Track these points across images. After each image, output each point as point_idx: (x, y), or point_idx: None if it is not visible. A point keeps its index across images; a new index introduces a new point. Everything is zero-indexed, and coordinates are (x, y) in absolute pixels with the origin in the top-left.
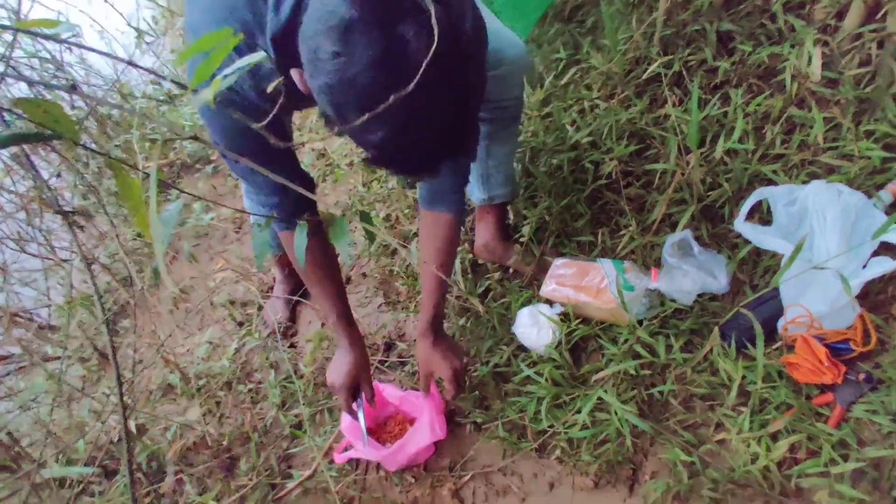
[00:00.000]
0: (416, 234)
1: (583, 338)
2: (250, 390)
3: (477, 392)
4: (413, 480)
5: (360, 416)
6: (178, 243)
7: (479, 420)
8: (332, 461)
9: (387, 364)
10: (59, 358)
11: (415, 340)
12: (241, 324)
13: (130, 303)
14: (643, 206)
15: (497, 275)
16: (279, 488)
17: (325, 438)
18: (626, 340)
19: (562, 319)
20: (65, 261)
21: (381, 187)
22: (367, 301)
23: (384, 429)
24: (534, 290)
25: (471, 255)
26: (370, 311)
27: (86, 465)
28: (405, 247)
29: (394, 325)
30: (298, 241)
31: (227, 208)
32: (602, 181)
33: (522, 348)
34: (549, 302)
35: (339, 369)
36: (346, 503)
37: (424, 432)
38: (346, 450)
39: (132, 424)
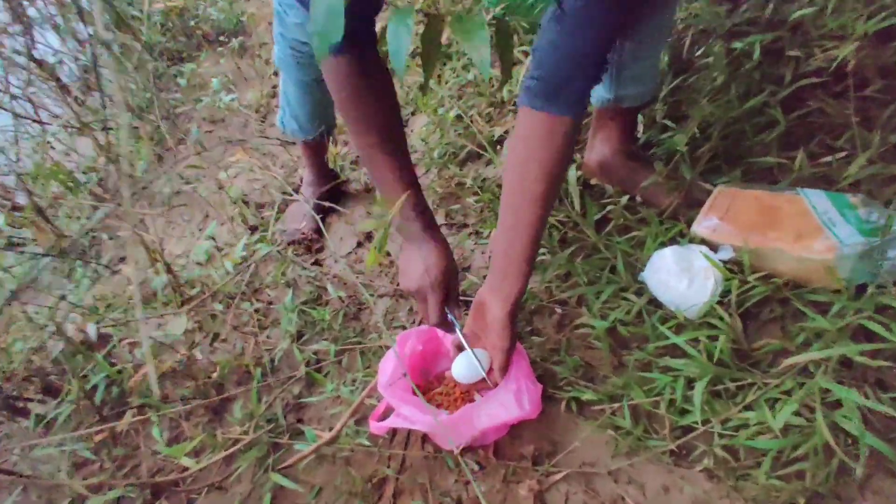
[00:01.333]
0: (499, 142)
1: (759, 301)
2: (257, 311)
3: (578, 356)
4: (477, 468)
5: (458, 329)
6: (187, 125)
7: (582, 397)
8: (357, 424)
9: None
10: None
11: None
12: (253, 228)
13: (120, 179)
14: (874, 119)
15: (624, 199)
16: (284, 450)
17: (353, 390)
18: (839, 312)
19: (730, 270)
20: (44, 123)
21: (453, 78)
22: None
23: (438, 390)
24: (682, 226)
25: (579, 173)
26: None
27: (25, 380)
28: (483, 152)
29: (457, 254)
30: (396, 32)
31: (252, 92)
32: (808, 81)
33: (656, 304)
34: (706, 244)
35: (419, 267)
36: (375, 486)
37: (508, 403)
38: (385, 417)
39: (92, 331)
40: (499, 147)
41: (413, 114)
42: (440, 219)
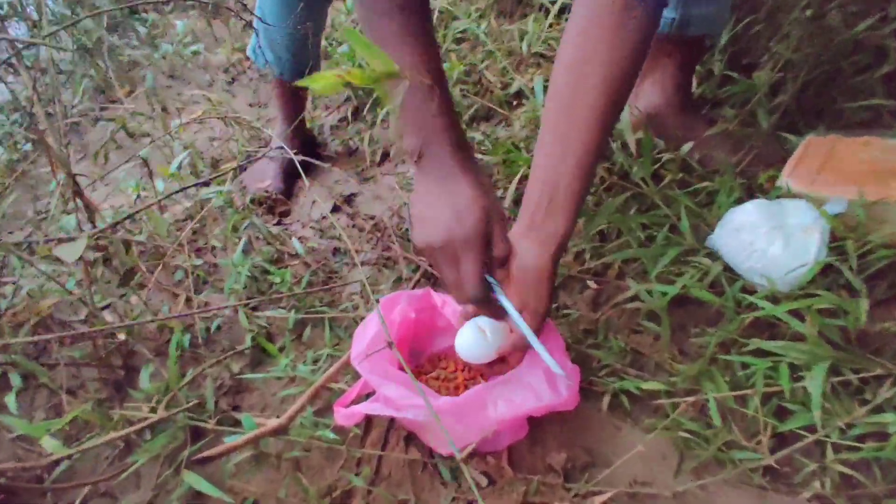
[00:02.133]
0: (516, 98)
1: (882, 270)
2: (195, 268)
3: (621, 340)
4: (485, 482)
5: (505, 301)
6: (142, 71)
7: (634, 388)
8: (318, 415)
9: None
10: None
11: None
12: (206, 183)
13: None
14: None
15: (685, 147)
16: (207, 439)
17: (315, 370)
18: None
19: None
20: None
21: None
22: None
23: (433, 375)
24: (765, 175)
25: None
26: None
27: None
28: (497, 110)
29: None
30: None
31: (223, 50)
32: None
33: (729, 271)
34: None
35: (444, 212)
36: (336, 501)
37: (538, 386)
38: (357, 402)
39: None
40: (515, 104)
41: None
42: None
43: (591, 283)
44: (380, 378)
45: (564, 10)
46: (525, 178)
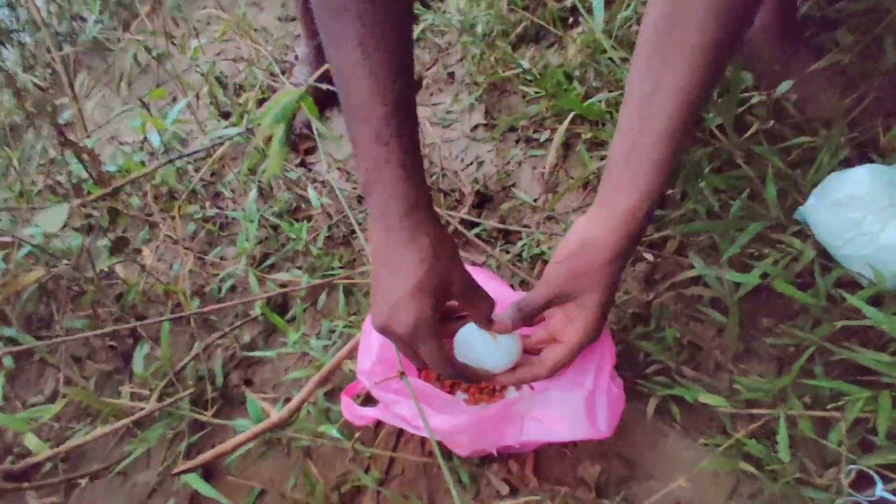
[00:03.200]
0: (572, 14)
1: None
2: (207, 220)
3: (678, 329)
4: (506, 490)
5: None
6: None
7: (688, 397)
8: (329, 397)
9: (477, 230)
10: None
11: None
12: (226, 115)
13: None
14: None
15: (784, 85)
16: (207, 431)
17: (329, 345)
18: None
19: None
20: None
21: None
22: (452, 118)
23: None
24: (878, 136)
25: None
26: (456, 135)
27: None
28: (549, 29)
29: (495, 165)
30: None
31: None
32: None
33: (823, 255)
34: None
35: (394, 296)
36: (346, 497)
37: (575, 414)
38: (362, 401)
39: None
40: (572, 21)
41: None
42: (478, 117)
43: (647, 255)
44: (392, 396)
45: None
46: (577, 119)
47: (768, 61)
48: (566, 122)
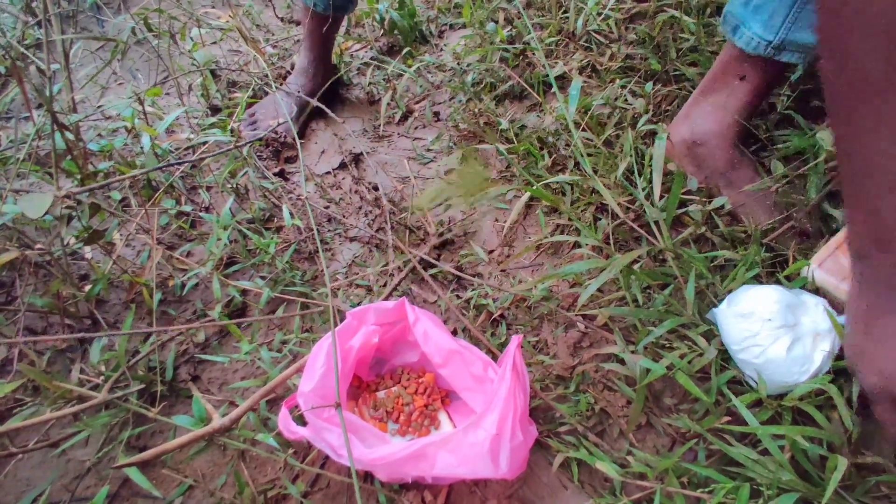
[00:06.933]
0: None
1: None
2: (181, 216)
3: (592, 395)
4: None
5: None
6: None
7: (587, 460)
8: (271, 406)
9: (434, 271)
10: None
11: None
12: (215, 109)
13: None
14: None
15: (719, 201)
16: (149, 426)
17: (278, 359)
18: None
19: None
20: None
21: None
22: (430, 157)
23: (392, 391)
24: (803, 262)
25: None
26: (431, 174)
27: None
28: (530, 91)
29: (462, 211)
30: None
31: None
32: None
33: (726, 356)
34: (825, 297)
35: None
36: (270, 501)
37: (477, 455)
38: (298, 416)
39: None
40: (550, 90)
41: (451, 27)
42: (454, 161)
43: (579, 324)
44: (323, 423)
45: None
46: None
47: (716, 169)
48: (524, 198)
